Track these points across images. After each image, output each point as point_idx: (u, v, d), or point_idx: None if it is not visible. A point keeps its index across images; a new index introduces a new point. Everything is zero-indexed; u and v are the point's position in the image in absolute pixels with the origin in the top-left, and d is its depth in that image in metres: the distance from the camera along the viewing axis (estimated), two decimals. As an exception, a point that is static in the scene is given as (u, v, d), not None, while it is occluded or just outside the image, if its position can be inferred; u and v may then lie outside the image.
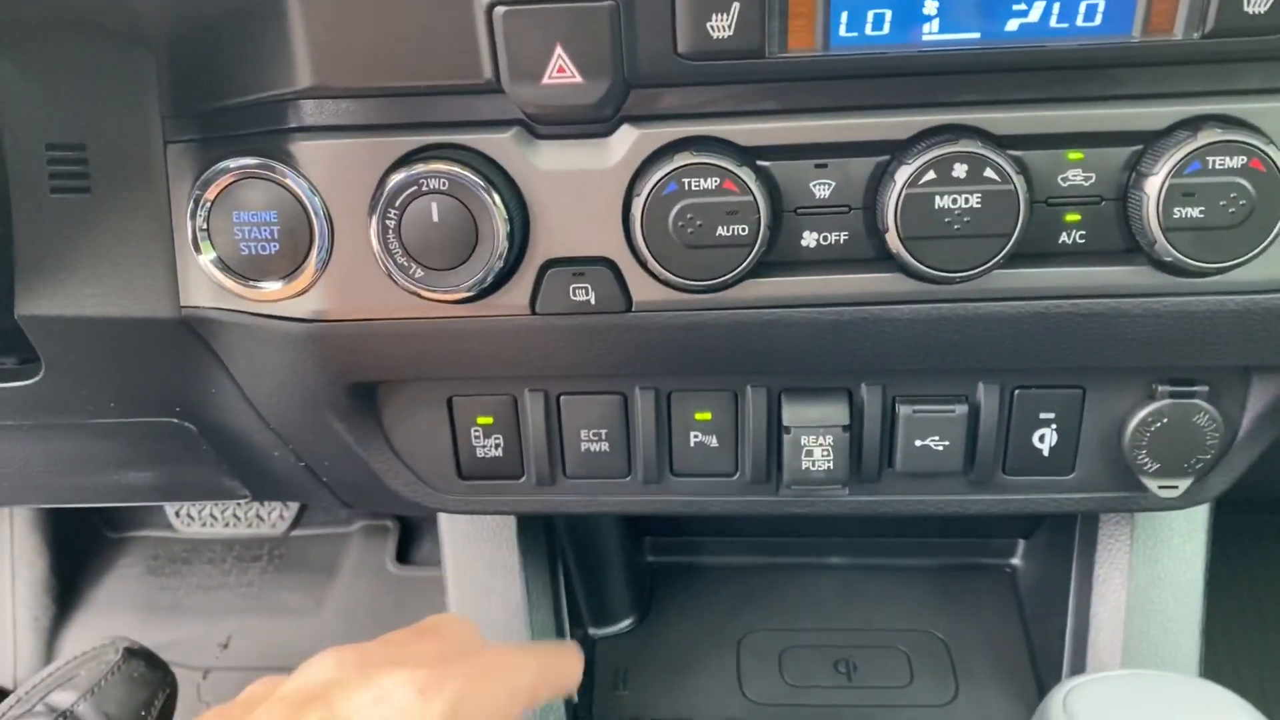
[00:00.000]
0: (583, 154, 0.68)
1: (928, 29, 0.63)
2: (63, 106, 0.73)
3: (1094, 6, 0.62)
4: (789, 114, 0.67)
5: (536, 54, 0.64)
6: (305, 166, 0.69)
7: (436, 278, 0.69)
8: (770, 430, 0.80)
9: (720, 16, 0.63)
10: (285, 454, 0.91)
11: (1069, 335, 0.72)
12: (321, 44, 0.65)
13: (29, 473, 0.99)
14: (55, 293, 0.77)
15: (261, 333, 0.75)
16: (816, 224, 0.69)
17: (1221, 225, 0.65)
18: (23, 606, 1.66)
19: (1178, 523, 0.93)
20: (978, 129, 0.66)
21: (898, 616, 1.08)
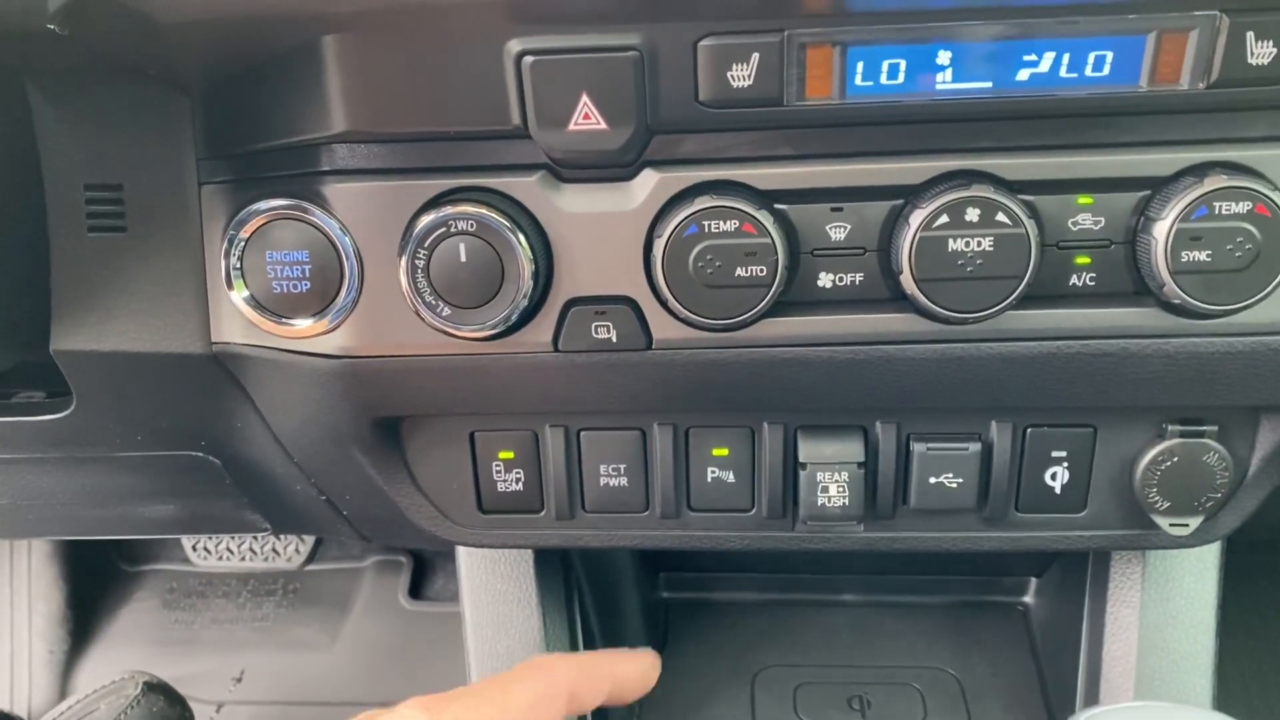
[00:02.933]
0: (606, 197, 0.70)
1: (941, 78, 0.65)
2: (101, 148, 0.76)
3: (1102, 57, 0.64)
4: (806, 159, 0.69)
5: (563, 101, 0.66)
6: (337, 208, 0.71)
7: (463, 315, 0.70)
8: (786, 466, 0.81)
9: (740, 66, 0.65)
10: (307, 487, 0.92)
11: (1080, 375, 0.73)
12: (355, 90, 0.68)
13: (54, 505, 1.01)
14: (90, 328, 0.79)
15: (291, 368, 0.77)
16: (832, 265, 0.71)
17: (1228, 269, 0.66)
18: (38, 639, 1.67)
19: (1189, 561, 0.93)
20: (990, 174, 0.68)
21: (911, 653, 1.08)
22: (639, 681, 0.83)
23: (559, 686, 0.74)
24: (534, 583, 1.00)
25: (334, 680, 1.62)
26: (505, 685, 0.72)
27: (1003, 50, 0.64)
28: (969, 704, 1.03)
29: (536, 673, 0.74)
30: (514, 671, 0.74)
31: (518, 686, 0.72)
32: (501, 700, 0.70)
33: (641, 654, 0.85)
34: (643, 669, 0.83)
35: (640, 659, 0.84)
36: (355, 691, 1.60)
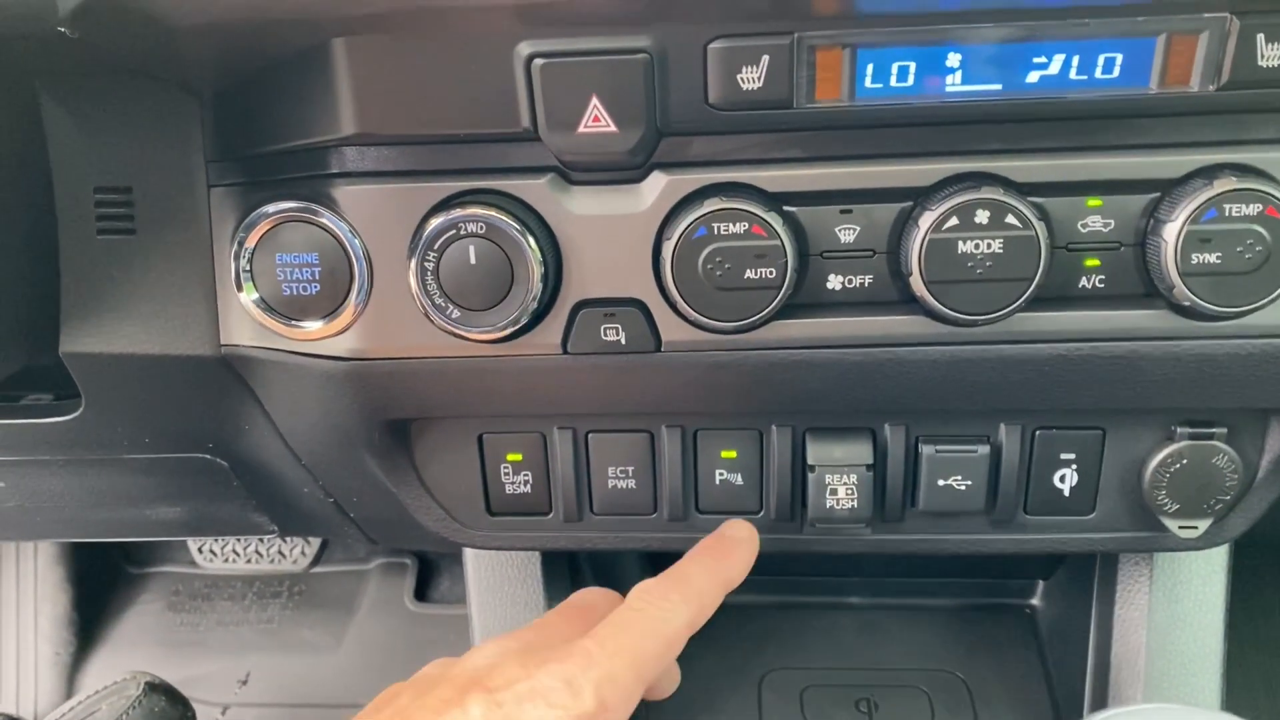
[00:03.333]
0: (615, 199, 0.70)
1: (950, 81, 0.65)
2: (111, 151, 0.76)
3: (1112, 60, 0.64)
4: (815, 161, 0.69)
5: (573, 104, 0.66)
6: (347, 210, 0.71)
7: (472, 318, 0.71)
8: (795, 469, 0.81)
9: (750, 69, 0.65)
10: (314, 489, 0.92)
11: (1089, 377, 0.73)
12: (365, 93, 0.68)
13: (61, 507, 1.01)
14: (99, 331, 0.79)
15: (300, 370, 0.77)
16: (842, 267, 0.71)
17: (1238, 271, 0.66)
18: (44, 641, 1.67)
19: (1197, 563, 0.93)
20: (999, 176, 0.68)
21: (918, 656, 1.08)
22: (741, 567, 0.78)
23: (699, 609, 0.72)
24: (541, 585, 1.00)
25: (340, 682, 1.61)
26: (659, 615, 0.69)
27: (1012, 52, 0.64)
28: (976, 707, 1.03)
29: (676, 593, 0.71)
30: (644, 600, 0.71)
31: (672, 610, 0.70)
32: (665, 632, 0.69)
33: (728, 542, 0.79)
34: (742, 555, 0.78)
35: (733, 550, 0.78)
36: (361, 694, 1.59)
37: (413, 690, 0.67)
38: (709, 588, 0.73)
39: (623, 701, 0.64)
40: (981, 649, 1.09)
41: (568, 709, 0.61)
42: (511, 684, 0.63)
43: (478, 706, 0.62)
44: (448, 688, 0.64)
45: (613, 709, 0.63)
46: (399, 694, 0.68)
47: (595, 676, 0.63)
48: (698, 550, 0.78)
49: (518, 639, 0.71)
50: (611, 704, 0.63)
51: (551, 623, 0.74)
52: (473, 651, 0.70)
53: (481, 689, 0.63)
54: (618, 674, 0.64)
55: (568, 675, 0.63)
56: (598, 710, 0.62)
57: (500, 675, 0.64)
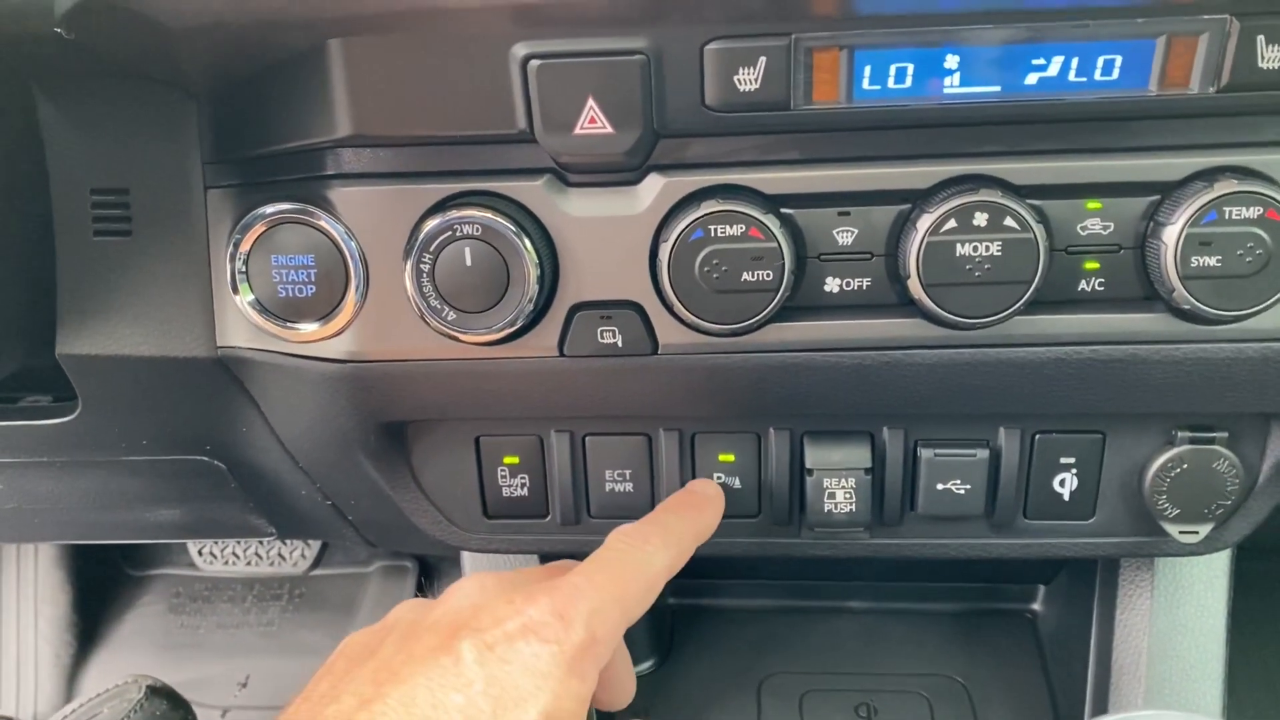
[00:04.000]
0: (612, 201, 0.70)
1: (949, 83, 0.65)
2: (107, 152, 0.76)
3: (1111, 61, 0.64)
4: (813, 163, 0.69)
5: (569, 105, 0.66)
6: (343, 212, 0.71)
7: (468, 320, 0.70)
8: (793, 472, 0.81)
9: (747, 70, 0.65)
10: (312, 492, 0.92)
11: (1089, 381, 0.73)
12: (361, 95, 0.68)
13: (59, 509, 1.01)
14: (95, 332, 0.79)
15: (296, 372, 0.76)
16: (839, 270, 0.70)
17: (1238, 274, 0.66)
18: (44, 643, 1.67)
19: (1199, 569, 0.93)
20: (998, 179, 0.68)
21: (918, 661, 1.08)
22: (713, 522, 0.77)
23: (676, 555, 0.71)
24: (539, 589, 1.00)
25: (339, 685, 1.61)
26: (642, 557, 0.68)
27: (1011, 54, 0.64)
28: (976, 711, 1.03)
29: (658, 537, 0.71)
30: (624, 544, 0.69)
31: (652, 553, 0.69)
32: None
33: (698, 496, 0.78)
34: (714, 510, 0.78)
35: (704, 504, 0.77)
36: (360, 697, 1.59)
37: (394, 639, 0.64)
38: (685, 535, 0.73)
39: (610, 635, 0.63)
40: (982, 654, 1.09)
41: (561, 643, 0.60)
42: (501, 622, 0.61)
43: (470, 650, 0.59)
44: (433, 635, 0.62)
45: (602, 641, 0.62)
46: (378, 644, 0.65)
47: (585, 608, 0.62)
48: (670, 502, 0.77)
49: (496, 577, 0.68)
50: (601, 636, 0.62)
51: (530, 570, 0.73)
52: (451, 591, 0.68)
53: (470, 630, 0.61)
54: (606, 607, 0.63)
55: (558, 607, 0.61)
56: (588, 642, 0.60)
57: (488, 614, 0.62)
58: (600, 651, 0.62)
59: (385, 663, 0.61)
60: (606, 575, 0.65)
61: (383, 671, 0.60)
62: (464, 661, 0.59)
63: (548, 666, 0.59)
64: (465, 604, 0.64)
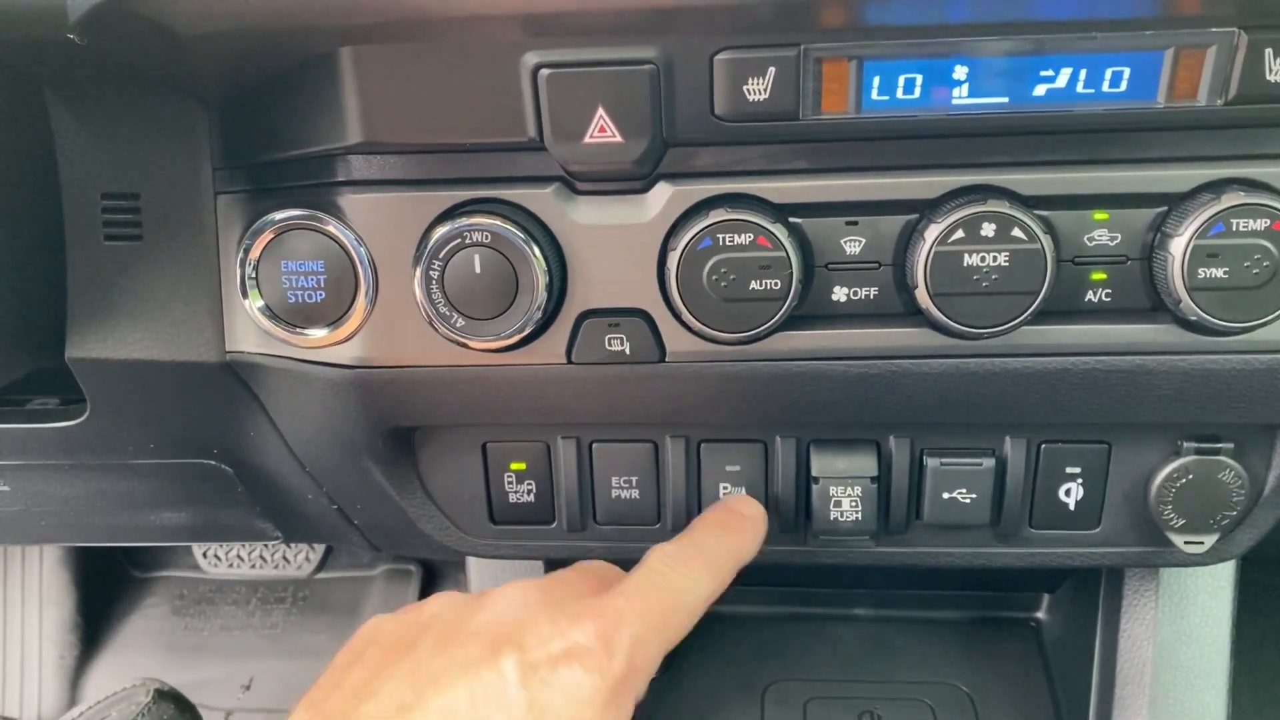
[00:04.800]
0: (620, 209, 0.70)
1: (957, 94, 0.65)
2: (118, 157, 0.76)
3: (1119, 74, 0.64)
4: (821, 173, 0.69)
5: (579, 114, 0.66)
6: (352, 218, 0.71)
7: (477, 327, 0.71)
8: (799, 480, 0.81)
9: (756, 80, 0.65)
10: (318, 496, 0.92)
11: (1095, 391, 0.73)
12: (372, 102, 0.68)
13: (66, 512, 1.01)
14: (105, 336, 0.79)
15: (304, 378, 0.77)
16: (847, 279, 0.71)
17: (1245, 286, 0.66)
18: (49, 644, 1.67)
19: (1203, 579, 0.93)
20: (1006, 189, 0.68)
21: (922, 669, 1.08)
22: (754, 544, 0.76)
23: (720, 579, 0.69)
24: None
25: (343, 689, 1.61)
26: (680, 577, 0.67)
27: (1019, 65, 0.64)
28: (980, 720, 1.03)
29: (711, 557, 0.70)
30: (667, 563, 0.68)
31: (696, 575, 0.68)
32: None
33: (736, 516, 0.77)
34: (755, 531, 0.76)
35: (745, 525, 0.76)
36: (364, 700, 1.59)
37: (433, 638, 0.62)
38: (728, 560, 0.71)
39: (649, 666, 0.62)
40: (986, 662, 1.09)
41: (604, 673, 0.59)
42: (545, 643, 0.60)
43: (513, 669, 0.58)
44: (476, 645, 0.60)
45: (640, 673, 0.61)
46: (414, 639, 0.63)
47: (629, 638, 0.60)
48: (710, 521, 0.75)
49: (539, 587, 0.67)
50: (640, 667, 0.61)
51: (568, 579, 0.70)
52: (493, 597, 0.66)
53: (514, 646, 0.59)
54: (649, 636, 0.62)
55: (603, 633, 0.60)
56: (629, 672, 0.60)
57: (532, 632, 0.61)
58: (638, 682, 0.61)
59: (424, 665, 0.60)
60: (650, 601, 0.64)
61: (422, 674, 0.59)
62: (507, 680, 0.58)
63: (590, 695, 0.58)
64: (508, 616, 0.63)
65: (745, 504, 0.79)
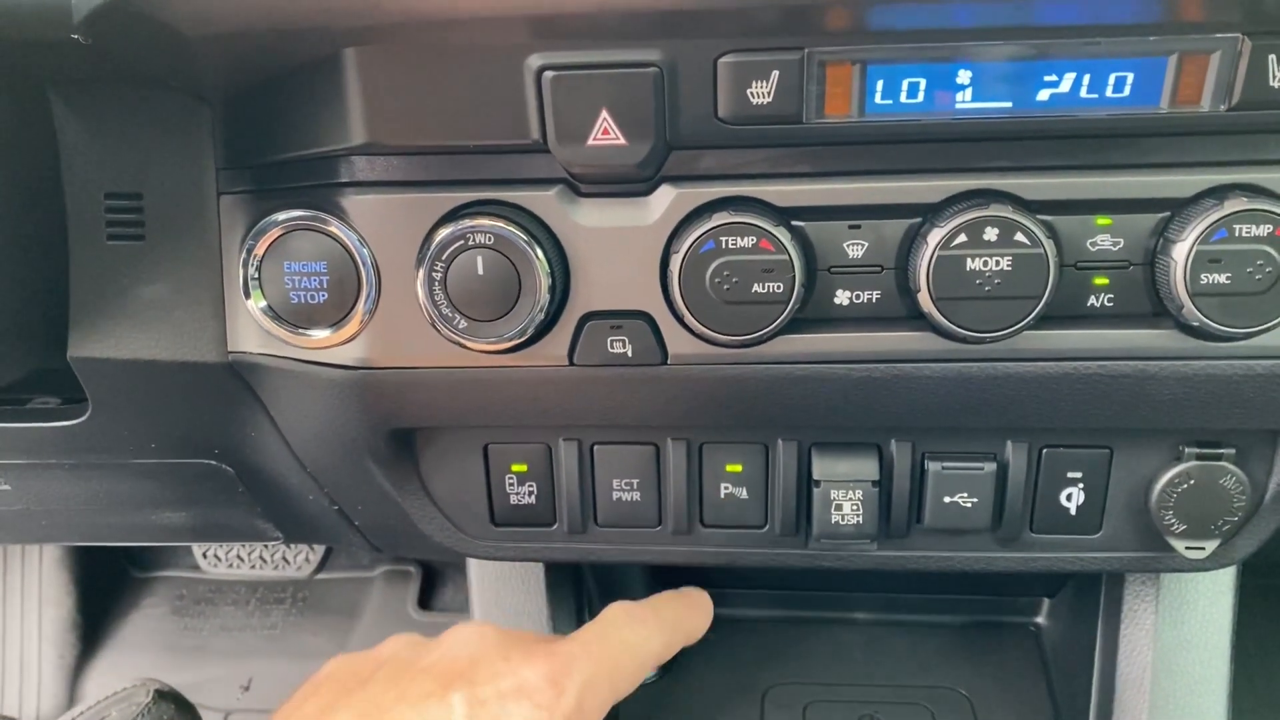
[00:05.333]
0: (623, 212, 0.70)
1: (961, 98, 0.65)
2: (122, 157, 0.76)
3: (1123, 78, 0.64)
4: (824, 176, 0.69)
5: (583, 117, 0.66)
6: (355, 219, 0.71)
7: (479, 328, 0.71)
8: (800, 484, 0.81)
9: (760, 84, 0.65)
10: (319, 497, 0.93)
11: (1097, 396, 0.73)
12: (375, 103, 0.68)
13: (66, 511, 1.01)
14: (107, 336, 0.79)
15: (306, 378, 0.77)
16: (850, 283, 0.71)
17: (1248, 291, 0.66)
18: (48, 644, 1.67)
19: (1204, 584, 0.93)
20: (1008, 194, 0.68)
21: (922, 672, 1.08)
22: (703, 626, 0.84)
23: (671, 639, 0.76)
24: (545, 596, 1.00)
25: (342, 690, 1.61)
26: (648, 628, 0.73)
27: (1023, 70, 0.64)
28: (980, 724, 1.03)
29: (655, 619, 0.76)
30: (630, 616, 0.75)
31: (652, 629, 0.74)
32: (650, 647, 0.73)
33: (694, 599, 0.86)
34: (704, 615, 0.85)
35: (697, 606, 0.85)
36: (363, 701, 1.60)
37: (386, 674, 0.65)
38: (679, 627, 0.77)
39: (598, 708, 0.64)
40: (986, 666, 1.09)
41: (551, 710, 0.61)
42: (495, 679, 0.62)
43: (461, 703, 0.60)
44: (428, 680, 0.63)
45: (589, 713, 0.63)
46: (369, 674, 0.66)
47: (578, 679, 0.63)
48: (667, 595, 0.82)
49: (496, 631, 0.70)
50: (589, 708, 0.63)
51: (526, 634, 0.75)
52: (449, 636, 0.69)
53: (464, 682, 0.62)
54: (598, 680, 0.64)
55: (552, 673, 0.63)
56: (576, 711, 0.62)
57: (485, 669, 0.63)
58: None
59: (374, 699, 0.62)
60: (602, 648, 0.68)
61: (371, 707, 0.61)
62: (454, 713, 0.60)
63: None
64: (462, 653, 0.66)
65: (698, 594, 0.87)
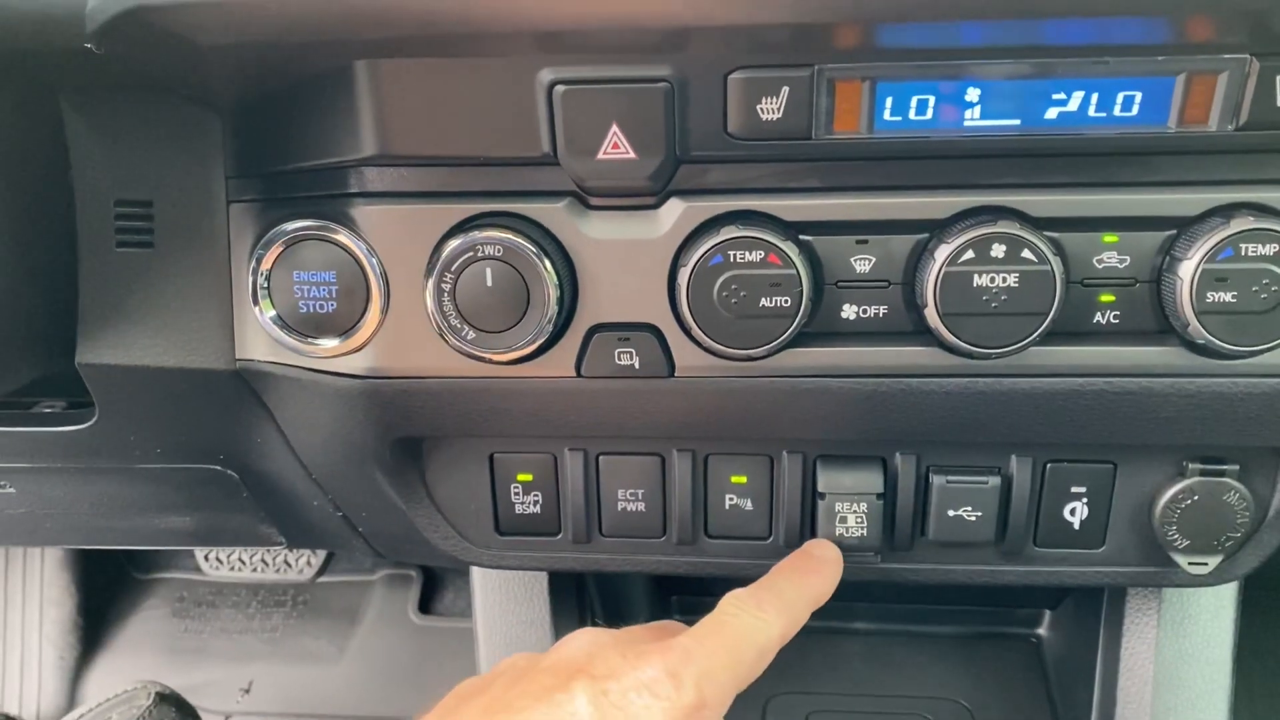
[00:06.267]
0: (632, 224, 0.71)
1: (969, 115, 0.65)
2: (132, 165, 0.76)
3: (1131, 98, 0.64)
4: (832, 191, 0.69)
5: (593, 130, 0.66)
6: (365, 229, 0.72)
7: (488, 339, 0.71)
8: (805, 496, 0.81)
9: (770, 99, 0.65)
10: (324, 503, 0.93)
11: (1102, 412, 0.73)
12: (387, 115, 0.68)
13: (71, 514, 1.01)
14: (115, 342, 0.79)
15: (314, 387, 0.77)
16: (857, 297, 0.71)
17: (1253, 310, 0.66)
18: (49, 644, 1.68)
19: (1206, 599, 0.93)
20: (1016, 210, 0.68)
21: (923, 684, 1.08)
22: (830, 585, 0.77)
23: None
24: (547, 605, 1.00)
25: (342, 693, 1.62)
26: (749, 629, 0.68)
27: (1032, 88, 0.64)
28: (981, 736, 1.03)
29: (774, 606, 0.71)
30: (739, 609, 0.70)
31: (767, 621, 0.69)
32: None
33: (815, 560, 0.78)
34: (830, 573, 0.77)
35: (821, 567, 0.77)
36: (363, 705, 1.60)
37: (506, 679, 0.65)
38: (799, 602, 0.72)
39: (720, 700, 0.63)
40: (987, 678, 1.09)
41: (672, 701, 0.60)
42: (614, 673, 0.62)
43: (584, 693, 0.60)
44: (548, 675, 0.63)
45: (711, 706, 0.62)
46: (485, 686, 0.66)
47: (696, 671, 0.62)
48: (786, 566, 0.77)
49: (608, 634, 0.70)
50: (710, 700, 0.62)
51: (637, 629, 0.74)
52: (563, 643, 0.69)
53: (585, 675, 0.62)
54: (716, 672, 0.63)
55: (670, 667, 0.62)
56: (697, 705, 0.61)
57: (603, 664, 0.63)
58: (708, 716, 0.62)
59: (497, 698, 0.63)
60: (718, 640, 0.66)
61: (495, 705, 0.62)
62: (578, 703, 0.60)
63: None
64: (579, 652, 0.66)
65: (822, 547, 0.80)
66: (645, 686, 0.61)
